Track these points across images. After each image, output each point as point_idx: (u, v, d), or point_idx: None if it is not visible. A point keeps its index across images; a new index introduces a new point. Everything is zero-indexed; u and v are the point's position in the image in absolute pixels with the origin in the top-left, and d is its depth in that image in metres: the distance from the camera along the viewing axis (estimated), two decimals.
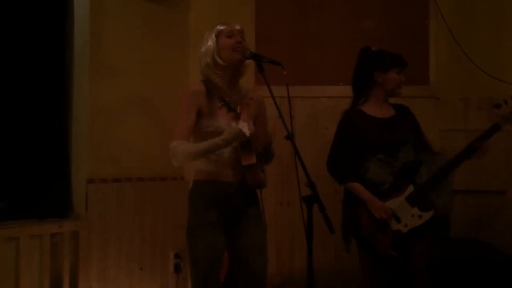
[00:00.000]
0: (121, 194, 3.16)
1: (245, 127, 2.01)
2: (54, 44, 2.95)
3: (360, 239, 2.59)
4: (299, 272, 3.54)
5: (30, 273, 2.70)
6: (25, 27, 2.82)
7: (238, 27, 2.22)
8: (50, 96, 2.92)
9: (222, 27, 2.20)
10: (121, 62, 3.22)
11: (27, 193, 2.80)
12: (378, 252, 2.53)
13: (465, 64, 3.47)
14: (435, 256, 2.87)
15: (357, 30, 3.63)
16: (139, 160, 3.29)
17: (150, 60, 3.41)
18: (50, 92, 2.93)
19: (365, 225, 2.55)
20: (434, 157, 2.63)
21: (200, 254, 2.14)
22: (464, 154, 2.51)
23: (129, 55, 3.27)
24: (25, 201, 2.79)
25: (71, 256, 2.90)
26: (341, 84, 3.53)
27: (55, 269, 2.84)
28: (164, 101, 3.40)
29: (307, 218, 1.86)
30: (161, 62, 3.48)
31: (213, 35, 2.19)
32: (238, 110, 2.06)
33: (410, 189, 2.55)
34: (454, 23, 3.52)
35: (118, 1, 3.21)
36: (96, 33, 3.07)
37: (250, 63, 2.25)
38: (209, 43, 2.19)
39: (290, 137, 1.94)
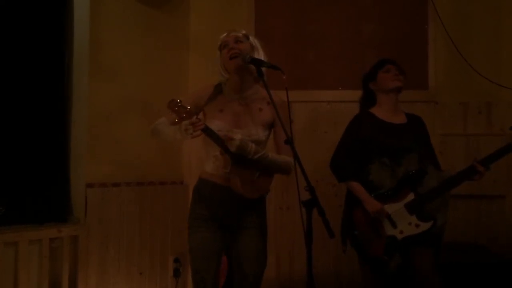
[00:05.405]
0: (120, 199, 3.16)
1: (181, 129, 2.04)
2: (53, 47, 2.95)
3: (353, 239, 2.60)
4: (298, 276, 3.53)
5: (29, 278, 2.69)
6: (25, 30, 2.82)
7: (235, 33, 2.23)
8: (49, 99, 2.92)
9: (221, 37, 2.26)
10: (121, 66, 3.23)
11: (26, 197, 2.79)
12: (369, 254, 2.53)
13: (464, 68, 3.48)
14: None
15: (356, 36, 3.64)
16: (139, 164, 3.29)
17: (149, 63, 3.41)
18: (49, 95, 2.92)
19: (359, 225, 2.56)
20: (438, 173, 2.63)
21: (194, 244, 2.21)
22: (466, 174, 2.50)
23: (129, 59, 3.28)
24: (24, 205, 2.78)
25: (70, 260, 2.89)
26: (340, 88, 3.53)
27: (54, 274, 2.83)
28: (164, 105, 3.37)
29: (307, 223, 1.86)
30: (161, 66, 3.48)
31: (218, 48, 2.28)
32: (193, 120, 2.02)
33: (410, 197, 2.55)
34: (453, 28, 3.53)
35: (118, 5, 3.22)
36: (96, 37, 3.07)
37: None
38: (217, 56, 2.28)
39: (289, 141, 1.94)
